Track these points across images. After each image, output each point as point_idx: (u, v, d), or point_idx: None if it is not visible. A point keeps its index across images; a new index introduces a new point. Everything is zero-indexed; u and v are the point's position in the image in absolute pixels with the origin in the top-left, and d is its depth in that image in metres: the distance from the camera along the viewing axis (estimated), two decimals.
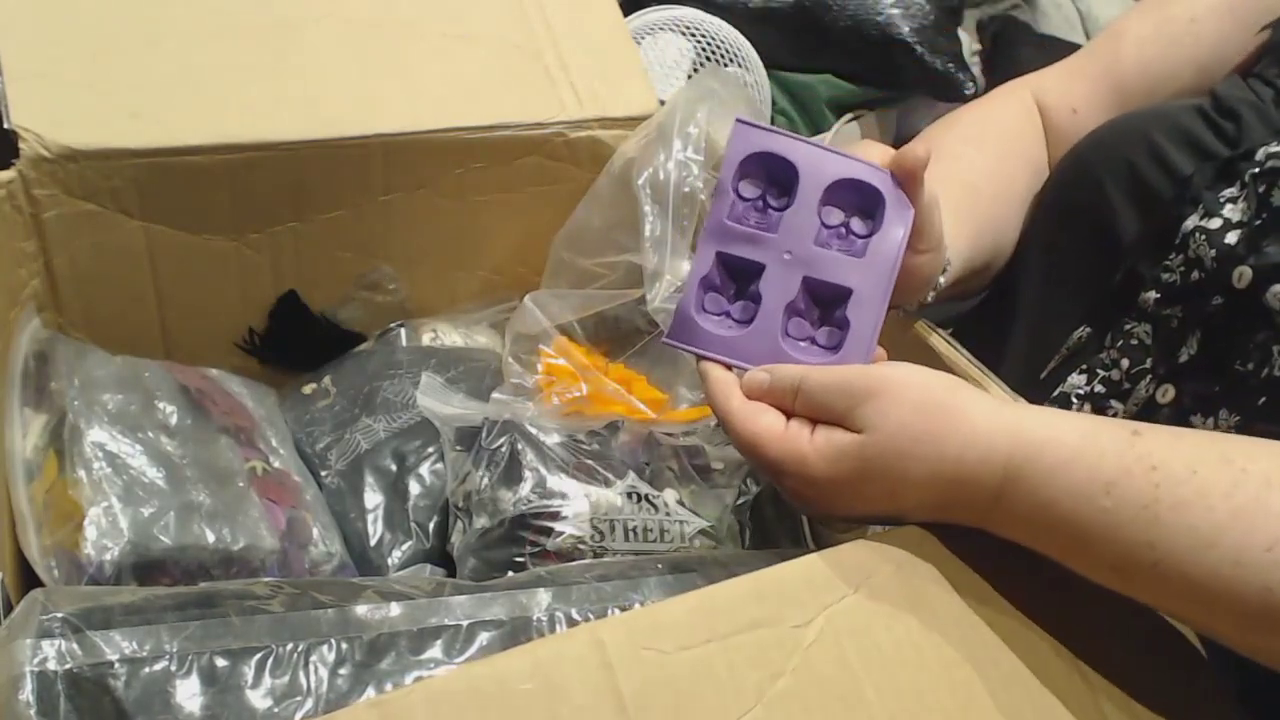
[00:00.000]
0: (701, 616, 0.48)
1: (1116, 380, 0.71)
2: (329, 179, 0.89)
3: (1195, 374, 0.67)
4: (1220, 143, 0.71)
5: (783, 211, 0.67)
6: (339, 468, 0.86)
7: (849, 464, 0.56)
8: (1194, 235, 0.69)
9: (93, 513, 0.68)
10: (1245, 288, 0.65)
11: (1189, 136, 0.72)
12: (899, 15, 1.37)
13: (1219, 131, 0.71)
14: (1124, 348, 0.72)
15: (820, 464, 0.57)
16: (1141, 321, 0.71)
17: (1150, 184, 0.72)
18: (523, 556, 0.76)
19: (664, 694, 0.46)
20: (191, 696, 0.52)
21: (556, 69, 0.97)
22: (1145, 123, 0.75)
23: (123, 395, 0.78)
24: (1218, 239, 0.67)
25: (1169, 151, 0.72)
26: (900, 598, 0.51)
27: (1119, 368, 0.71)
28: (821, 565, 0.52)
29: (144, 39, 0.87)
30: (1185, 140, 0.72)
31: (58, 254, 0.83)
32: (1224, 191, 0.69)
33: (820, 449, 0.57)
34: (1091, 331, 0.74)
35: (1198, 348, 0.66)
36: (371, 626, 0.57)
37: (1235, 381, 0.64)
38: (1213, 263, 0.67)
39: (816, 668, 0.48)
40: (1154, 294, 0.70)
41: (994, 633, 0.52)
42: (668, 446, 0.86)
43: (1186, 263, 0.69)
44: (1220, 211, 0.68)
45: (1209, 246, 0.67)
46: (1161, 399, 0.68)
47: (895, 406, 0.56)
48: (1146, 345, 0.70)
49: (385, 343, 0.98)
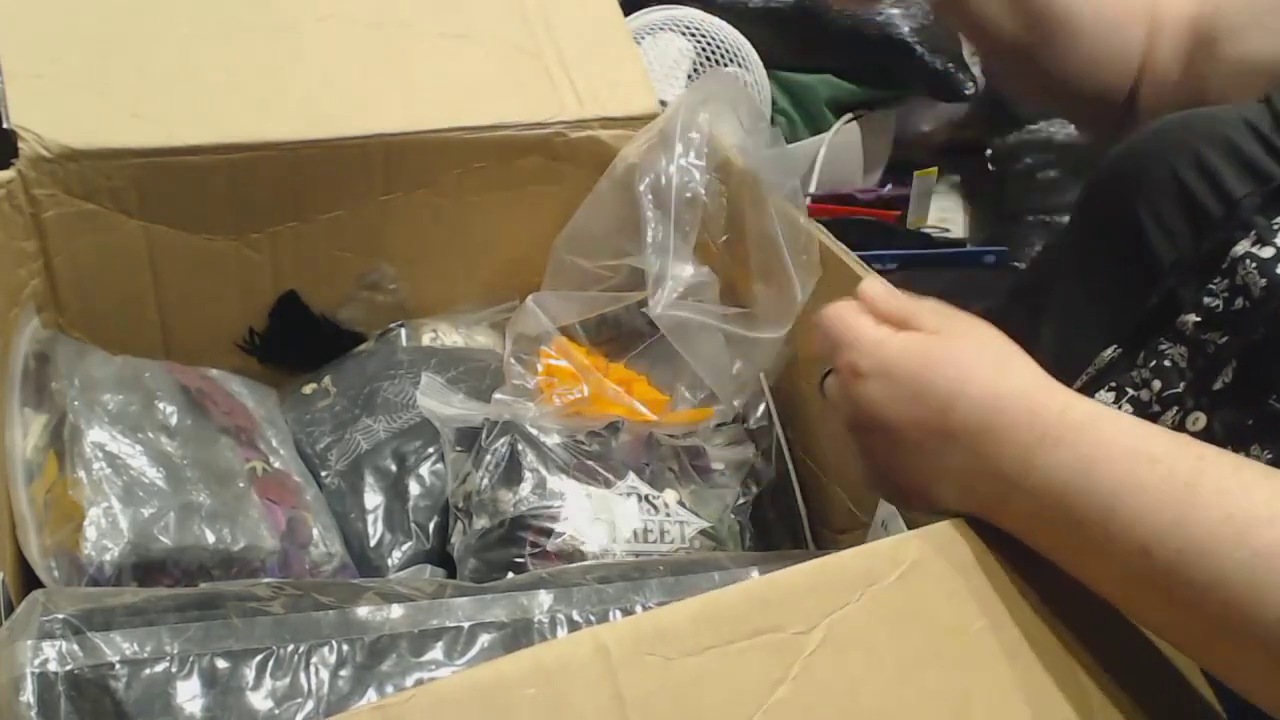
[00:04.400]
0: (704, 622, 0.48)
1: (1146, 401, 0.69)
2: (329, 179, 0.89)
3: (1229, 404, 0.65)
4: (1276, 165, 0.69)
5: None
6: (339, 468, 0.86)
7: (918, 349, 0.58)
8: (1244, 261, 0.66)
9: (93, 513, 0.68)
10: None
11: (1241, 155, 0.69)
12: (899, 15, 1.37)
13: (1274, 153, 0.70)
14: (1157, 368, 0.69)
15: (893, 346, 0.59)
16: (1177, 344, 0.69)
17: (1198, 201, 0.70)
18: (523, 557, 0.76)
19: (666, 700, 0.46)
20: (192, 698, 0.52)
21: (556, 69, 0.96)
22: (1192, 134, 0.72)
23: (123, 395, 0.78)
24: (1269, 268, 0.65)
25: (1219, 168, 0.70)
26: (903, 605, 0.51)
27: (1149, 388, 0.69)
28: (824, 572, 0.52)
29: (144, 39, 0.87)
30: (1237, 158, 0.69)
31: (58, 254, 0.83)
32: (1278, 219, 0.67)
33: (899, 335, 0.60)
34: (1123, 351, 0.72)
35: (1234, 377, 0.63)
36: (372, 628, 0.57)
37: (1271, 416, 0.62)
38: (1262, 292, 0.65)
39: (818, 675, 0.48)
40: (1194, 317, 0.68)
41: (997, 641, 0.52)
42: (668, 447, 0.86)
43: (1232, 289, 0.67)
44: (1274, 240, 0.66)
45: (1260, 275, 0.65)
46: (1192, 427, 0.66)
47: (976, 328, 0.59)
48: (1181, 369, 0.68)
49: (385, 343, 0.98)
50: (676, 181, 0.87)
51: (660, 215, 0.87)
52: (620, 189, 0.91)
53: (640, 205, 0.88)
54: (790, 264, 0.85)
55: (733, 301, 0.90)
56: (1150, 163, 0.73)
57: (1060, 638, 0.54)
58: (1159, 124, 0.75)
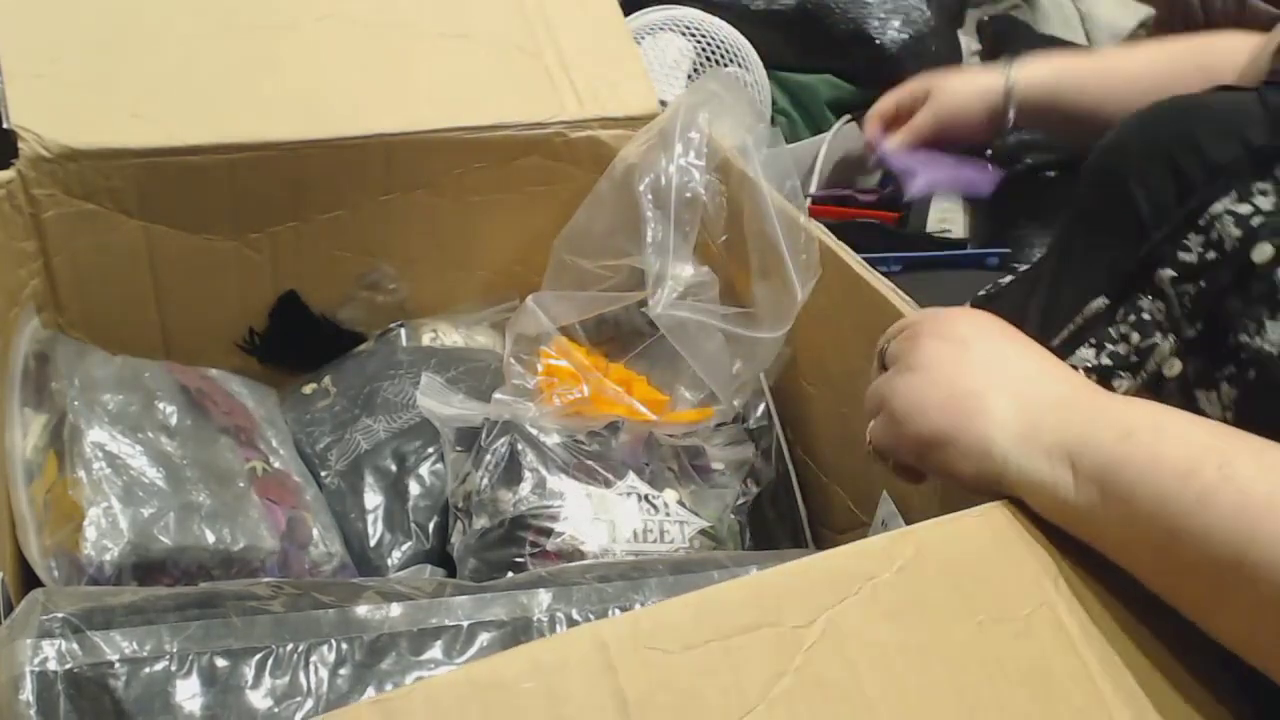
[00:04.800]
0: (704, 616, 0.48)
1: (1124, 354, 0.72)
2: (329, 179, 0.89)
3: (1200, 349, 0.68)
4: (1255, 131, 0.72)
5: None
6: (339, 468, 0.86)
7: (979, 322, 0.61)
8: (1222, 218, 0.69)
9: (93, 513, 0.68)
10: (1263, 262, 0.65)
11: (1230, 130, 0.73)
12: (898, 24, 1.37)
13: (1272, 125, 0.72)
14: (1135, 322, 0.72)
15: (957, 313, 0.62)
16: (1156, 298, 0.72)
17: (1185, 172, 0.73)
18: (522, 557, 0.76)
19: (666, 694, 0.45)
20: (192, 697, 0.52)
21: (556, 69, 0.97)
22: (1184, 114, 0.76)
23: (123, 395, 0.77)
24: (1245, 221, 0.68)
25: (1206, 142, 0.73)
26: (903, 598, 0.51)
27: (1128, 342, 0.72)
28: (824, 566, 0.52)
29: (144, 39, 0.87)
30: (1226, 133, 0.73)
31: (57, 254, 0.83)
32: (1258, 184, 0.70)
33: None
34: (1109, 304, 0.75)
35: (1204, 324, 0.66)
36: (372, 627, 0.57)
37: (1233, 356, 0.65)
38: (1235, 242, 0.68)
39: (819, 668, 0.47)
40: (1170, 271, 0.71)
41: (999, 634, 0.52)
42: (668, 447, 0.86)
43: (1206, 243, 0.70)
44: (1253, 199, 0.69)
45: (1235, 227, 0.68)
46: (1168, 373, 0.69)
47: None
48: (1159, 321, 0.71)
49: (385, 343, 0.98)
50: (676, 181, 0.87)
51: (660, 215, 0.87)
52: (620, 189, 0.91)
53: (640, 205, 0.88)
54: (790, 263, 0.85)
55: (733, 301, 0.90)
56: (1142, 141, 0.77)
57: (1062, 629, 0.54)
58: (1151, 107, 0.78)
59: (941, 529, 0.56)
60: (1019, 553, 0.56)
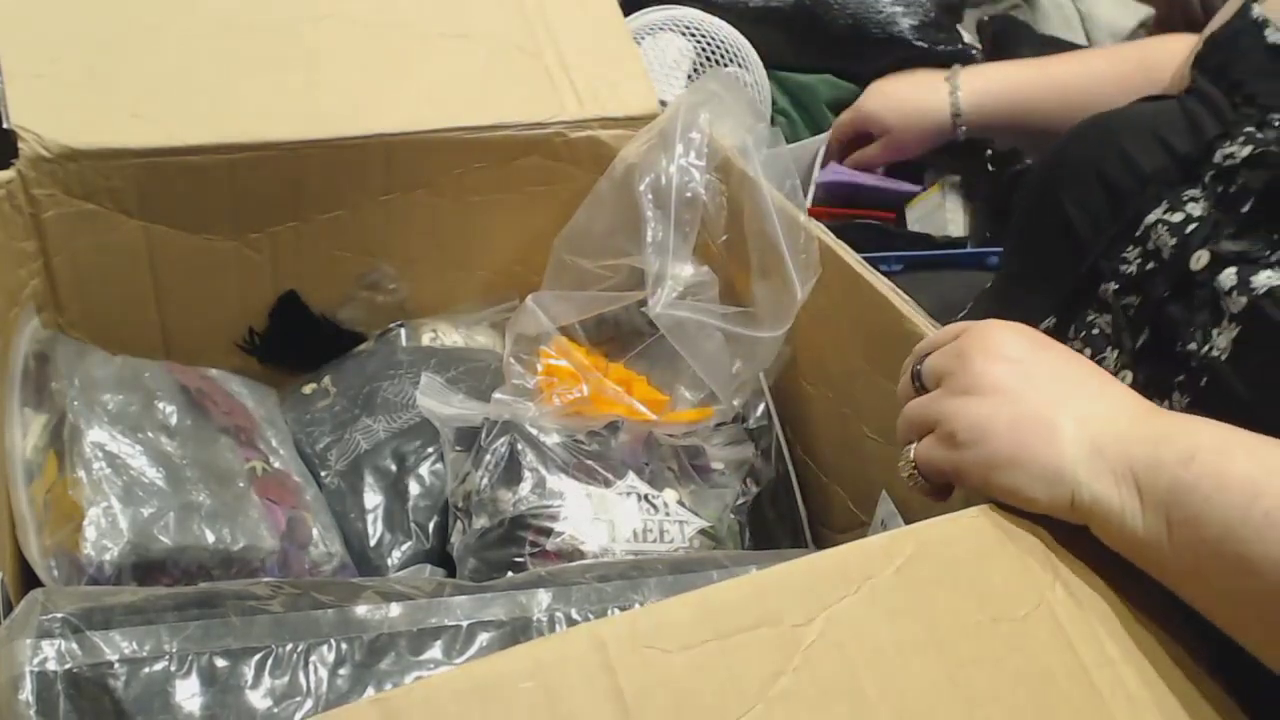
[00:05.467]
0: (702, 615, 0.48)
1: None
2: (329, 179, 0.89)
3: (1149, 358, 0.68)
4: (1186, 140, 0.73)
5: None
6: (339, 468, 0.86)
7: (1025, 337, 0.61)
8: (1155, 227, 0.70)
9: (93, 513, 0.68)
10: (1201, 269, 0.66)
11: (1161, 140, 0.74)
12: (900, 13, 1.37)
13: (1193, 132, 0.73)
14: (1087, 338, 0.73)
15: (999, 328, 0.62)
16: (1102, 313, 0.72)
17: (1116, 184, 0.74)
18: (522, 556, 0.76)
19: (664, 693, 0.46)
20: (191, 697, 0.52)
21: (556, 69, 0.97)
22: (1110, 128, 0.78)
23: (123, 395, 0.78)
24: (1179, 230, 0.69)
25: (1135, 153, 0.74)
26: (902, 598, 0.51)
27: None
28: (822, 565, 0.52)
29: (144, 39, 0.87)
30: (1153, 142, 0.74)
31: (57, 254, 0.83)
32: (1187, 191, 0.71)
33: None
34: (1057, 322, 0.75)
35: (1150, 333, 0.66)
36: (371, 627, 0.57)
37: (1183, 364, 0.65)
38: (1171, 251, 0.68)
39: (817, 667, 0.48)
40: (1113, 285, 0.71)
41: (995, 633, 0.52)
42: (668, 447, 0.86)
43: (1144, 254, 0.70)
44: (1184, 207, 0.70)
45: (1170, 236, 0.69)
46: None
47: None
48: (1107, 334, 0.72)
49: (385, 343, 0.98)
50: (676, 181, 0.87)
51: (660, 215, 0.87)
52: (620, 189, 0.91)
53: (640, 205, 0.88)
54: (789, 263, 0.85)
55: (732, 301, 0.90)
56: (1072, 158, 0.78)
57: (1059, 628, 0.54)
58: (1080, 125, 0.79)
59: (940, 528, 0.56)
60: (1017, 552, 0.56)
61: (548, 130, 0.93)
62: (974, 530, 0.56)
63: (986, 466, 0.58)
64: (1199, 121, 0.73)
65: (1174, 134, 0.74)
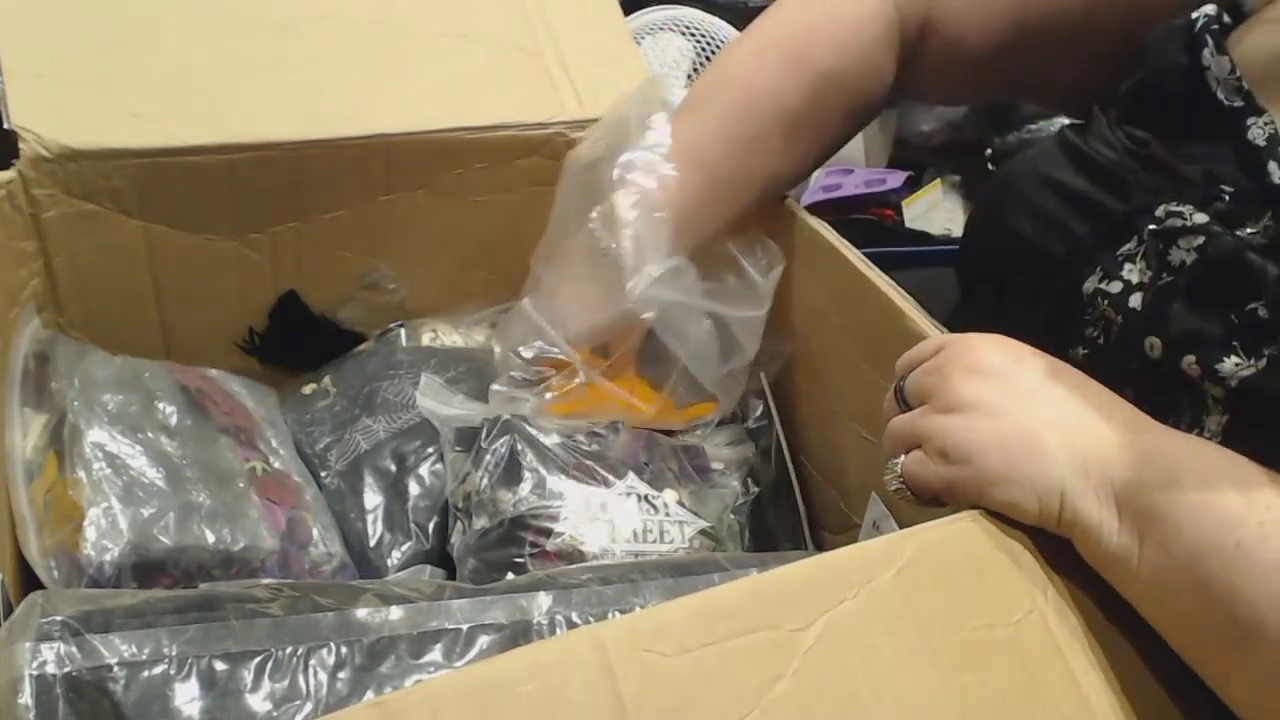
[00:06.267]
0: (702, 619, 0.48)
1: None
2: (329, 179, 0.89)
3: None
4: (1105, 195, 0.69)
5: None
6: (339, 468, 0.86)
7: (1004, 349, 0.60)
8: (1095, 299, 0.68)
9: (93, 513, 0.68)
10: (1159, 358, 0.64)
11: (1067, 191, 0.71)
12: None
13: (1103, 184, 0.70)
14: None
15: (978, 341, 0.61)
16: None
17: (1042, 248, 0.72)
18: (522, 557, 0.76)
19: (663, 696, 0.46)
20: (190, 700, 0.52)
21: (556, 69, 0.96)
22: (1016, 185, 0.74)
23: (123, 395, 0.78)
24: (1121, 303, 0.66)
25: (1050, 209, 0.71)
26: (900, 602, 0.51)
27: None
28: (822, 569, 0.52)
29: (144, 39, 0.87)
30: (1064, 195, 0.71)
31: (58, 254, 0.83)
32: (1120, 249, 0.68)
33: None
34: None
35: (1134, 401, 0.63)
36: (371, 630, 0.57)
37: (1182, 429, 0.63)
38: (1119, 330, 0.66)
39: (816, 672, 0.48)
40: (1082, 350, 0.69)
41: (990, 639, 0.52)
42: (668, 446, 0.86)
43: (1103, 321, 0.68)
44: (1120, 274, 0.67)
45: (1115, 311, 0.67)
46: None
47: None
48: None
49: (385, 343, 0.98)
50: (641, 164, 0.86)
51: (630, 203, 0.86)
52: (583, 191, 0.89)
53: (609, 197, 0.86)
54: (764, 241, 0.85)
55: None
56: (992, 226, 0.76)
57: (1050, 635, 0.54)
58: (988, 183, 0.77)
59: (939, 532, 0.56)
60: (1010, 558, 0.56)
61: (548, 130, 0.93)
62: (969, 535, 0.56)
63: (979, 483, 0.58)
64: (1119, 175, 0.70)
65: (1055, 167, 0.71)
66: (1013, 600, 0.54)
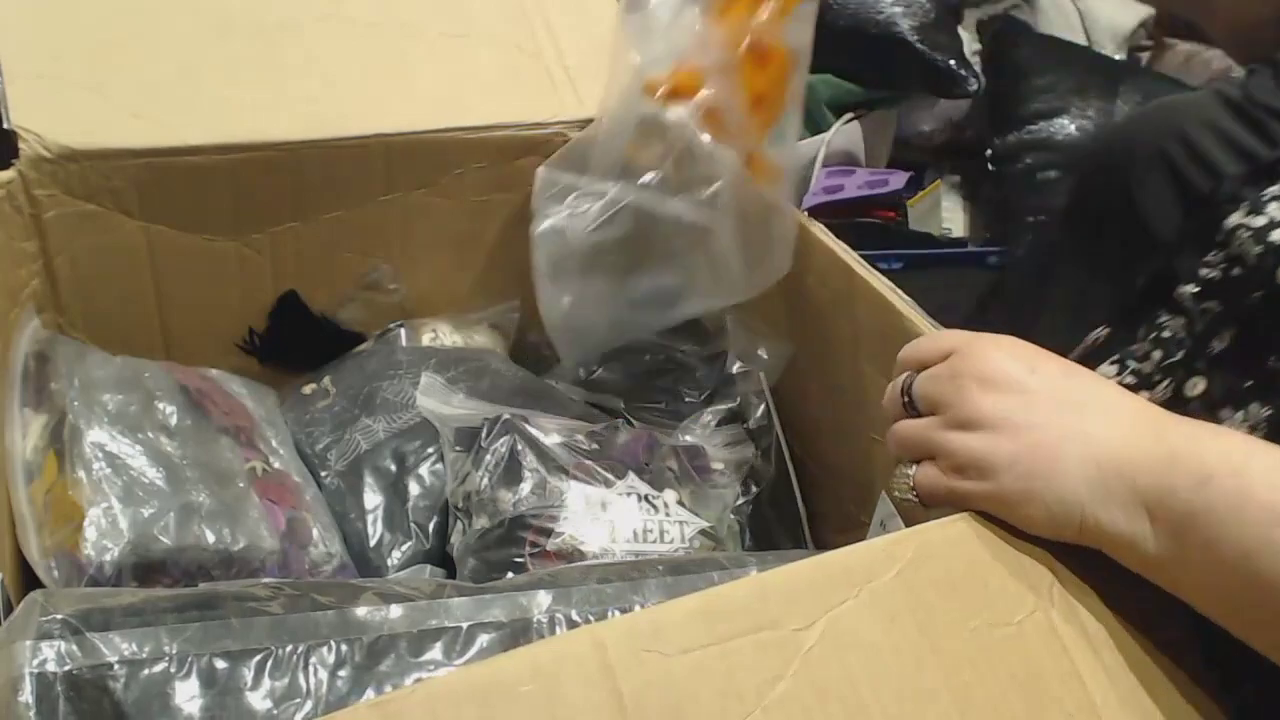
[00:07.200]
0: (702, 619, 0.48)
1: (1148, 373, 0.70)
2: (329, 179, 0.89)
3: (1227, 366, 0.66)
4: (1258, 141, 0.71)
5: None
6: (339, 468, 0.86)
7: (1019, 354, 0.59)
8: (1237, 232, 0.68)
9: (93, 513, 0.68)
10: None
11: (1225, 133, 0.72)
12: (900, 13, 1.37)
13: (1257, 129, 0.71)
14: (1157, 340, 0.71)
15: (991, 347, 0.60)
16: (1176, 315, 0.70)
17: (1187, 178, 0.72)
18: (522, 557, 0.76)
19: (663, 696, 0.46)
20: (191, 698, 0.52)
21: (556, 69, 0.97)
22: (1176, 116, 0.75)
23: (123, 395, 0.77)
24: (1264, 235, 0.66)
25: (1204, 146, 0.72)
26: (901, 602, 0.51)
27: (1150, 360, 0.70)
28: (822, 569, 0.52)
29: (144, 39, 0.87)
30: (1221, 137, 0.72)
31: (58, 254, 0.83)
32: (1268, 190, 0.68)
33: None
34: (1110, 332, 0.73)
35: (1231, 341, 0.64)
36: (371, 628, 0.57)
37: (1268, 376, 0.63)
38: (1256, 257, 0.66)
39: (816, 671, 0.48)
40: (1192, 288, 0.69)
41: (993, 638, 0.52)
42: (668, 446, 0.86)
43: (1228, 259, 0.68)
44: (1265, 209, 0.68)
45: (1254, 243, 0.67)
46: (1190, 392, 0.67)
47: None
48: (1180, 339, 0.70)
49: (385, 343, 0.98)
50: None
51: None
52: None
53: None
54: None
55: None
56: (1138, 145, 0.76)
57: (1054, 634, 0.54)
58: (1143, 110, 0.78)
59: (940, 532, 0.56)
60: (1014, 557, 0.56)
61: (548, 130, 0.93)
62: (972, 534, 0.56)
63: (996, 501, 0.58)
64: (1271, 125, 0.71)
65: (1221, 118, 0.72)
66: (1015, 600, 0.54)
